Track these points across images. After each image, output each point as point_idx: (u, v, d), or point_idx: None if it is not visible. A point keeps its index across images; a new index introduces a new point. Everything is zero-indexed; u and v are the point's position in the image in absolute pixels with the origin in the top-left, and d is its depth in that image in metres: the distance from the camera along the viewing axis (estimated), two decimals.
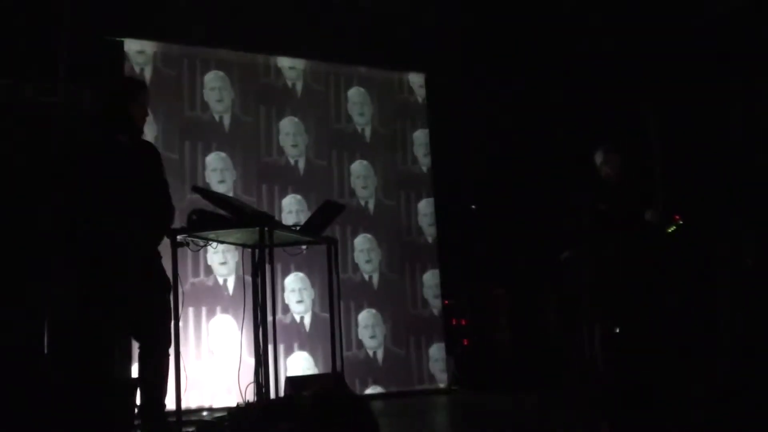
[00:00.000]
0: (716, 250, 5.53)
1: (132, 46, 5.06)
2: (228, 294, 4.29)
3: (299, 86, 4.76)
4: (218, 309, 4.31)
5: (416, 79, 5.48)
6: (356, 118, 4.93)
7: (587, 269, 5.10)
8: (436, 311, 5.12)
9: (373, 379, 4.62)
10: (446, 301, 6.52)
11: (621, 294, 4.89)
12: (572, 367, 5.98)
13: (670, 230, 4.87)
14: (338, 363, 4.11)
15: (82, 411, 3.81)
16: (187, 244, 3.90)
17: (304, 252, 4.26)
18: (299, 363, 4.67)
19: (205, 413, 4.13)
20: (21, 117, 5.64)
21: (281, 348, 4.61)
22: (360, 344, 4.63)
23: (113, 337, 3.81)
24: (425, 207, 5.04)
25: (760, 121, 5.84)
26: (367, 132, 4.90)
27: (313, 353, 4.69)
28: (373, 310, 4.68)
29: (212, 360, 4.33)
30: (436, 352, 5.01)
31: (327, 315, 4.54)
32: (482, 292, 7.14)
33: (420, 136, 5.12)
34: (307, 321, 4.69)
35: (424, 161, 5.11)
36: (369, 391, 4.74)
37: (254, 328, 3.77)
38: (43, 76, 5.66)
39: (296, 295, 4.57)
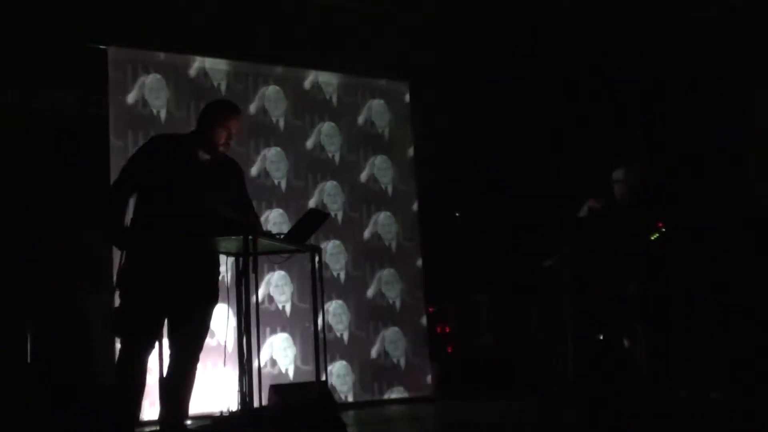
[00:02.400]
0: (697, 256, 5.39)
1: (117, 54, 5.50)
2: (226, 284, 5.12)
3: (282, 122, 5.71)
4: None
5: (377, 111, 6.18)
6: (327, 147, 5.87)
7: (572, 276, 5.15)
8: (391, 301, 5.94)
9: (340, 355, 5.60)
10: (430, 309, 6.65)
11: (605, 301, 4.94)
12: (556, 373, 5.98)
13: (652, 237, 4.92)
14: (322, 373, 4.32)
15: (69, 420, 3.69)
16: None
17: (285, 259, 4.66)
18: (280, 343, 5.55)
19: (188, 422, 4.17)
20: (2, 121, 5.62)
21: (267, 330, 5.47)
22: (330, 328, 5.62)
23: (154, 332, 3.76)
24: (383, 218, 6.01)
25: (739, 127, 5.87)
26: (336, 158, 5.88)
27: (292, 334, 5.59)
28: (340, 301, 5.65)
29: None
30: (391, 334, 5.87)
31: (303, 305, 5.59)
32: (466, 299, 7.30)
33: (379, 161, 6.06)
34: (288, 309, 5.58)
35: (383, 181, 6.06)
36: (336, 365, 5.60)
37: (238, 337, 3.87)
38: (26, 82, 5.72)
39: (279, 289, 5.53)
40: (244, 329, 3.77)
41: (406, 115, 6.46)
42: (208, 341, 3.99)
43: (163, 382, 3.85)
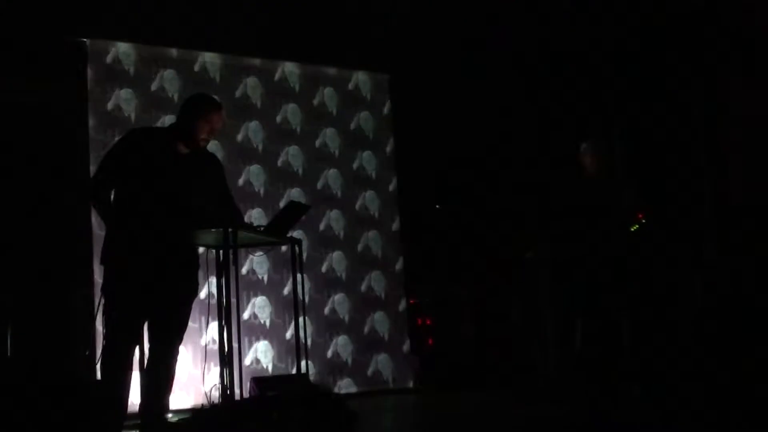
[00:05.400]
0: (678, 248, 5.28)
1: (97, 46, 6.17)
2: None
3: (260, 147, 7.12)
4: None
5: (330, 137, 7.40)
6: (293, 164, 7.24)
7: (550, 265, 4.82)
8: (339, 274, 7.22)
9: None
10: (411, 300, 6.92)
11: (585, 290, 4.71)
12: (536, 365, 5.81)
13: (633, 228, 4.77)
14: (303, 366, 4.51)
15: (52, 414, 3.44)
16: None
17: (268, 251, 5.41)
18: (260, 302, 6.75)
19: (169, 415, 4.05)
20: None
21: (250, 293, 6.64)
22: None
23: (138, 327, 3.71)
24: (334, 215, 7.34)
25: (722, 121, 5.59)
26: (300, 171, 7.25)
27: (268, 297, 6.78)
28: (303, 274, 6.00)
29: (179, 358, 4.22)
30: (339, 297, 7.16)
31: (277, 276, 6.72)
32: (447, 291, 7.43)
33: (332, 174, 7.40)
34: (266, 278, 6.82)
35: (334, 188, 7.37)
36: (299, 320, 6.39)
37: (218, 330, 3.84)
38: (5, 76, 5.46)
39: (260, 264, 6.70)
40: (224, 322, 3.75)
41: (355, 137, 7.52)
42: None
43: (143, 375, 3.75)
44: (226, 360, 3.74)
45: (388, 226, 7.74)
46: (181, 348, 5.06)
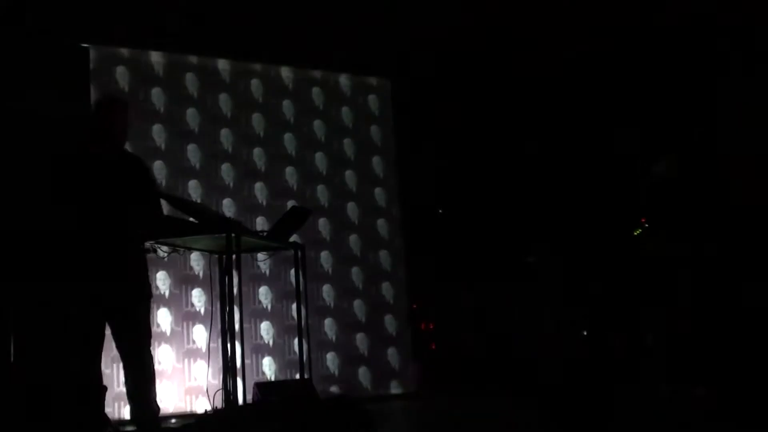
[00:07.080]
0: (678, 250, 5.10)
1: (99, 52, 6.67)
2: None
3: (263, 168, 8.26)
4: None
5: (319, 159, 8.54)
6: (289, 179, 8.34)
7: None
8: (326, 269, 8.19)
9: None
10: (413, 305, 7.09)
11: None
12: (539, 370, 5.65)
13: (636, 232, 4.71)
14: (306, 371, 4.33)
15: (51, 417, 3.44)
16: (154, 251, 3.85)
17: (270, 256, 5.78)
18: (263, 294, 7.72)
19: (173, 420, 3.89)
20: None
21: (256, 284, 7.60)
22: (291, 284, 7.27)
23: (96, 339, 3.63)
24: (322, 223, 8.37)
25: (722, 127, 5.52)
26: (295, 187, 8.31)
27: (270, 287, 7.77)
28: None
29: (180, 365, 4.02)
30: (326, 288, 8.18)
31: (276, 270, 7.65)
32: (449, 295, 7.66)
33: (320, 188, 8.43)
34: (267, 272, 7.76)
35: (322, 200, 8.38)
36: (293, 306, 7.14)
37: (221, 335, 3.75)
38: (10, 82, 5.36)
39: (263, 261, 7.15)
40: (228, 327, 3.67)
41: (340, 159, 8.44)
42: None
43: (126, 385, 3.76)
44: (229, 366, 3.70)
45: (369, 231, 8.76)
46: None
